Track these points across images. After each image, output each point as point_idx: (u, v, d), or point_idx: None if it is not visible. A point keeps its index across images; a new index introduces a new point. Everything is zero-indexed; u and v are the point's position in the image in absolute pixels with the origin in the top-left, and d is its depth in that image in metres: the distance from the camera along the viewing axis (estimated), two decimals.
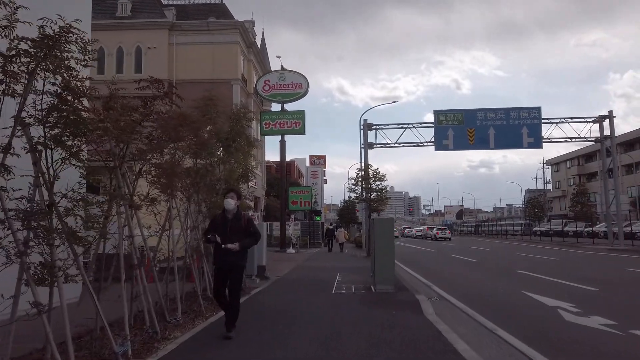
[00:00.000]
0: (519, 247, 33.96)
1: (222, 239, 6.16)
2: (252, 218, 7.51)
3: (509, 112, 25.96)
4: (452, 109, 26.33)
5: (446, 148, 26.19)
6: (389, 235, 10.85)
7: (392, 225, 11.05)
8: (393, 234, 10.97)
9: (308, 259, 22.27)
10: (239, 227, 6.33)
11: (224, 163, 10.01)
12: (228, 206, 6.41)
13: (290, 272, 15.74)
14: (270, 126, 28.66)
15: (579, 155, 78.55)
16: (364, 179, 24.42)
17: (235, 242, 6.17)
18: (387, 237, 10.82)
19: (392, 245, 10.81)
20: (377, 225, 10.90)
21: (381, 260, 10.74)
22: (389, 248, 10.79)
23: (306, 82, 28.69)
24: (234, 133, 10.04)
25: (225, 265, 6.25)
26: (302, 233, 35.25)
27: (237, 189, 7.72)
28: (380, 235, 10.84)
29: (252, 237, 6.49)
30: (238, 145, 10.03)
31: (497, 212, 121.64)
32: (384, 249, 10.77)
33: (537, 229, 53.38)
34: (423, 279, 14.27)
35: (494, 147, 25.94)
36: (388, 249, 10.77)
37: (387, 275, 10.71)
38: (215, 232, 6.23)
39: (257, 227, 6.89)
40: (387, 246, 10.77)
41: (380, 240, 10.82)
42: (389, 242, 10.80)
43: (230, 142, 9.93)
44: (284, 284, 12.62)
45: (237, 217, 6.43)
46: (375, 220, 10.98)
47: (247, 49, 42.68)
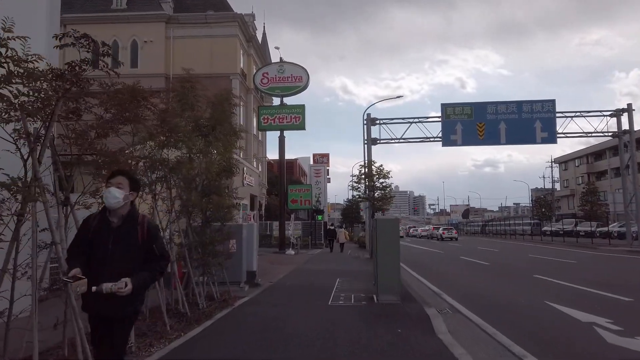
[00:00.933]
0: (529, 247, 32.46)
1: (96, 265, 3.30)
2: (157, 225, 4.91)
3: (521, 105, 24.47)
4: (460, 102, 24.85)
5: (454, 143, 24.73)
6: (393, 238, 9.45)
7: (397, 227, 9.66)
8: (398, 236, 9.58)
9: (307, 261, 20.90)
10: (130, 240, 3.41)
11: (204, 155, 8.66)
12: (111, 201, 3.41)
13: (285, 277, 14.38)
14: (268, 121, 27.29)
15: (588, 153, 77.01)
16: (367, 177, 23.02)
17: (119, 272, 3.24)
18: (392, 239, 9.43)
19: (397, 249, 9.42)
20: (380, 226, 9.51)
21: (384, 266, 9.35)
22: (394, 252, 9.39)
23: (306, 74, 27.31)
24: (214, 120, 8.67)
25: (103, 313, 3.35)
26: (303, 233, 33.90)
27: (129, 171, 4.47)
28: (383, 238, 9.45)
29: (153, 265, 3.48)
30: (219, 134, 8.66)
31: (503, 211, 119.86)
32: (387, 253, 9.38)
33: (546, 228, 51.74)
34: (431, 286, 12.86)
35: (505, 142, 24.47)
36: (392, 254, 9.38)
37: (392, 284, 9.32)
38: (83, 252, 3.37)
39: (231, 229, 5.51)
40: (391, 250, 9.38)
41: (383, 243, 9.43)
42: (394, 246, 9.40)
43: (209, 130, 8.56)
44: (276, 292, 11.24)
45: (129, 222, 3.48)
46: (378, 221, 9.60)
47: (246, 43, 41.34)
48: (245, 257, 11.51)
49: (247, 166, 20.72)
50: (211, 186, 8.83)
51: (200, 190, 8.78)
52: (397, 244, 9.46)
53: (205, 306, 8.23)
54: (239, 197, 9.59)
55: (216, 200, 8.42)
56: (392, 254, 9.38)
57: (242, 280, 11.29)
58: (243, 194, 20.39)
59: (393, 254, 9.39)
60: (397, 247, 9.43)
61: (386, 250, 9.40)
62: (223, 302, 8.97)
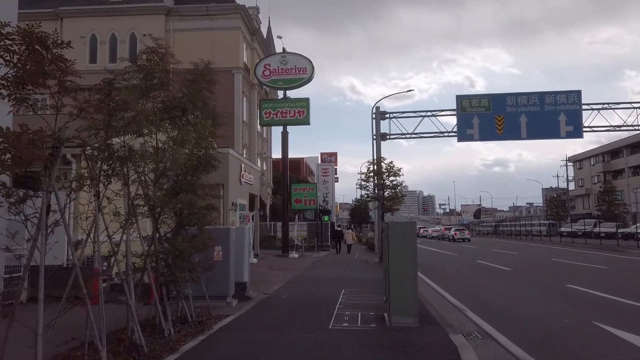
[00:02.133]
0: (550, 250, 30.45)
1: None
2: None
3: (543, 96, 22.53)
4: (477, 93, 22.94)
5: (470, 138, 22.86)
6: (409, 245, 7.68)
7: (413, 231, 7.88)
8: (415, 242, 7.79)
9: (311, 266, 19.16)
10: None
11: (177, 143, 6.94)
12: None
13: (283, 287, 12.64)
14: (270, 115, 25.57)
15: (604, 151, 74.90)
16: (376, 174, 21.22)
17: None
18: (407, 247, 7.66)
19: (413, 260, 7.64)
20: (393, 230, 7.74)
21: (398, 281, 7.58)
22: (410, 264, 7.62)
23: (311, 66, 25.55)
24: (186, 100, 6.96)
25: None
26: (309, 234, 32.17)
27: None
28: (397, 245, 7.68)
29: None
30: (192, 117, 6.95)
31: (515, 211, 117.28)
32: (402, 264, 7.61)
33: (563, 229, 49.57)
34: (451, 298, 11.07)
35: (526, 137, 22.54)
36: (408, 265, 7.61)
37: (408, 303, 7.54)
38: None
39: (213, 234, 3.79)
40: (406, 261, 7.61)
41: (397, 251, 7.67)
42: (410, 255, 7.63)
43: (179, 113, 6.85)
44: (268, 308, 9.50)
45: None
46: (391, 224, 7.82)
47: (250, 37, 39.67)
48: (233, 267, 9.79)
49: (246, 163, 19.03)
50: (183, 182, 7.12)
51: (170, 188, 7.08)
52: (414, 253, 7.68)
53: (172, 333, 6.51)
54: (216, 195, 7.83)
55: (187, 200, 6.71)
56: (407, 266, 7.61)
57: (229, 294, 9.57)
58: (241, 193, 18.70)
59: (409, 266, 7.61)
60: (414, 256, 7.66)
61: (400, 260, 7.63)
62: (199, 326, 7.25)
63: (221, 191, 16.65)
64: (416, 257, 7.70)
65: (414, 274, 7.68)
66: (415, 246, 7.77)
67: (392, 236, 7.73)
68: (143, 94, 6.92)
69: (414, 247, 7.72)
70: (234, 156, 17.50)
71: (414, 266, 7.66)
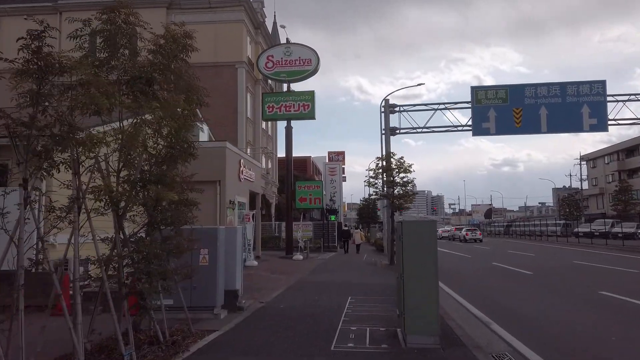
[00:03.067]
0: (569, 252, 28.88)
1: None
2: None
3: (565, 87, 21.02)
4: (493, 84, 21.46)
5: (486, 132, 21.41)
6: (428, 250, 6.33)
7: (433, 232, 6.52)
8: (436, 246, 6.44)
9: (316, 269, 17.83)
10: None
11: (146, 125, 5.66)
12: None
13: (282, 295, 11.33)
14: (274, 110, 24.27)
15: (619, 150, 72.97)
16: (386, 170, 19.83)
17: None
18: (426, 252, 6.32)
19: (434, 268, 6.30)
20: (408, 231, 6.39)
21: (416, 292, 6.24)
22: (429, 272, 6.27)
23: (316, 57, 24.21)
24: (153, 68, 5.66)
25: None
26: (315, 235, 30.86)
27: None
28: (413, 249, 6.33)
29: None
30: (161, 91, 5.66)
31: (527, 211, 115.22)
32: (420, 273, 6.26)
33: (579, 229, 47.85)
34: (473, 308, 9.70)
35: (546, 130, 21.04)
36: (427, 274, 6.26)
37: (427, 319, 6.20)
38: None
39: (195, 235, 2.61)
40: (425, 268, 6.27)
41: (413, 257, 6.32)
42: (429, 262, 6.28)
43: (143, 86, 5.56)
44: (262, 321, 8.19)
45: None
46: (405, 224, 6.47)
47: (254, 30, 38.44)
48: (222, 273, 8.50)
49: (245, 158, 17.75)
50: (153, 173, 5.83)
51: (137, 179, 5.79)
52: (434, 258, 6.33)
53: (133, 359, 5.22)
54: (197, 189, 6.53)
55: (156, 193, 5.41)
56: (426, 275, 6.26)
57: (216, 305, 8.27)
58: (241, 191, 17.42)
59: (428, 275, 6.26)
60: (434, 263, 6.31)
61: (417, 267, 6.28)
62: (172, 347, 5.95)
63: (217, 188, 15.38)
64: (437, 264, 6.35)
65: (435, 284, 6.32)
66: (435, 251, 6.41)
67: (407, 238, 6.38)
68: (102, 64, 5.66)
69: (433, 252, 6.37)
70: (231, 150, 16.21)
71: (435, 275, 6.31)
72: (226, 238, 8.88)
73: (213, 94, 24.78)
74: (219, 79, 34.65)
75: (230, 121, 33.96)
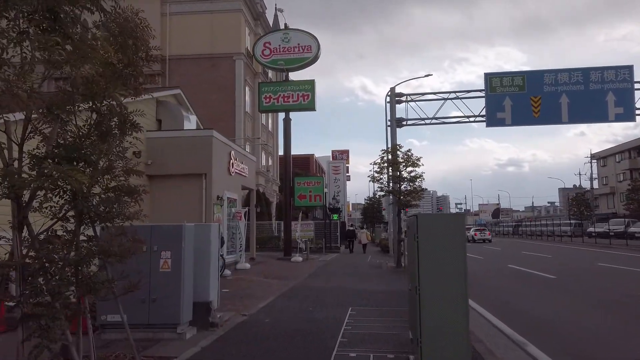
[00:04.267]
0: (587, 253, 27.04)
1: None
2: None
3: (588, 73, 19.21)
4: (509, 71, 19.75)
5: (501, 123, 19.63)
6: (454, 254, 4.62)
7: (461, 230, 4.79)
8: (464, 249, 4.70)
9: (315, 273, 16.13)
10: None
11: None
12: None
13: (272, 305, 9.62)
14: (271, 100, 22.56)
15: (631, 147, 70.94)
16: (392, 164, 18.10)
17: None
18: (451, 257, 4.60)
19: (462, 278, 4.59)
20: (425, 229, 4.68)
21: (437, 312, 4.54)
22: (456, 284, 4.56)
23: (316, 43, 22.49)
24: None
25: None
26: (317, 235, 29.12)
27: None
28: (433, 254, 4.63)
29: None
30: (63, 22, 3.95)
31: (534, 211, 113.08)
32: (443, 285, 4.56)
33: (592, 229, 45.99)
34: (500, 324, 7.96)
35: (567, 120, 19.24)
36: (453, 288, 4.55)
37: (453, 348, 4.50)
38: None
39: None
40: (450, 280, 4.56)
41: (433, 263, 4.62)
42: (455, 270, 4.57)
43: (41, 18, 3.84)
44: (237, 344, 6.49)
45: None
46: (423, 220, 4.74)
47: (253, 22, 36.80)
48: (188, 281, 6.81)
49: (237, 150, 16.07)
50: (66, 146, 4.15)
51: (46, 155, 4.11)
52: (462, 266, 4.61)
53: None
54: (137, 172, 4.84)
55: (61, 173, 3.71)
56: (452, 289, 4.55)
57: (180, 321, 6.57)
58: (231, 186, 15.74)
59: (454, 289, 4.55)
60: (463, 273, 4.59)
61: (439, 279, 4.57)
62: None
63: (203, 182, 13.71)
64: (466, 272, 4.63)
65: (464, 301, 4.60)
66: (464, 255, 4.69)
67: (425, 238, 4.66)
68: None
69: (461, 257, 4.65)
70: (219, 140, 14.52)
71: (464, 288, 4.59)
72: (197, 237, 7.20)
73: (210, 87, 23.09)
74: (216, 71, 33.04)
75: (228, 116, 32.33)
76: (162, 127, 14.52)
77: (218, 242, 7.86)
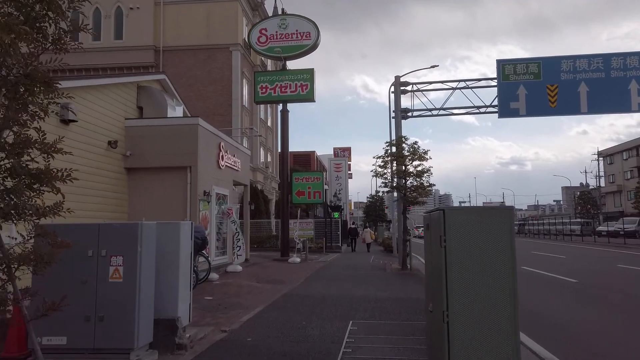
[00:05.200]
0: (602, 252, 25.59)
1: None
2: None
3: (609, 59, 17.75)
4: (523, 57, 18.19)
5: (515, 114, 18.18)
6: (499, 266, 3.19)
7: (509, 230, 3.38)
8: (513, 258, 3.30)
9: (313, 276, 14.73)
10: None
11: None
12: None
13: (258, 316, 8.21)
14: (267, 91, 21.14)
15: (638, 145, 69.54)
16: (397, 157, 16.69)
17: None
18: (496, 269, 3.17)
19: (511, 302, 3.15)
20: (458, 229, 3.26)
21: (474, 347, 3.11)
22: (503, 309, 3.13)
23: (316, 30, 21.06)
24: None
25: None
26: (317, 234, 27.73)
27: None
28: (469, 266, 3.20)
29: None
30: None
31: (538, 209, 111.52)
32: (484, 311, 3.13)
33: (607, 228, 44.52)
34: (534, 345, 6.54)
35: (587, 111, 17.78)
36: (498, 314, 3.13)
37: None
38: None
39: None
40: (494, 301, 3.13)
41: (469, 279, 3.19)
42: (502, 288, 3.14)
43: None
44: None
45: None
46: (453, 216, 3.35)
47: (251, 12, 35.38)
48: (147, 293, 5.42)
49: (227, 141, 14.68)
50: None
51: None
52: (511, 282, 3.20)
53: None
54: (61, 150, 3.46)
55: None
56: (497, 315, 3.13)
57: (134, 345, 5.17)
58: (221, 181, 14.36)
59: (501, 316, 3.13)
60: (512, 293, 3.17)
61: (478, 301, 3.16)
62: None
63: (188, 176, 12.32)
64: (516, 293, 3.22)
65: (513, 334, 3.19)
66: (513, 266, 3.28)
67: (456, 242, 3.26)
68: None
69: (509, 269, 3.24)
70: (206, 130, 13.12)
71: (512, 317, 3.18)
72: (161, 239, 5.81)
73: (206, 80, 21.60)
74: (212, 63, 31.68)
75: (225, 110, 30.98)
76: (143, 116, 13.14)
77: (191, 243, 6.47)
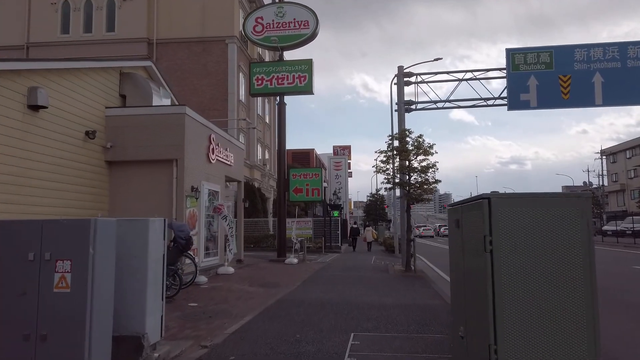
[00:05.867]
0: (613, 253, 24.59)
1: None
2: None
3: (625, 48, 16.73)
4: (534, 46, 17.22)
5: (525, 106, 17.14)
6: (573, 279, 2.15)
7: (586, 228, 2.37)
8: (592, 264, 2.29)
9: (310, 279, 13.70)
10: None
11: None
12: None
13: (246, 327, 7.19)
14: (264, 82, 20.10)
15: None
16: (400, 152, 15.67)
17: None
18: (568, 285, 2.14)
19: (591, 336, 2.11)
20: (510, 227, 2.22)
21: None
22: (580, 342, 2.10)
23: (314, 18, 20.02)
24: None
25: None
26: (316, 233, 26.69)
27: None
28: (530, 279, 2.17)
29: None
30: None
31: None
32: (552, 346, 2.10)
33: (608, 228, 43.65)
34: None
35: (602, 103, 16.76)
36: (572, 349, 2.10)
37: None
38: None
39: None
40: (567, 333, 2.10)
41: (529, 301, 2.16)
42: (577, 312, 2.11)
43: None
44: None
45: None
46: (502, 205, 2.34)
47: (248, 3, 34.29)
48: (100, 306, 4.41)
49: (218, 133, 13.65)
50: None
51: None
52: (589, 300, 2.17)
53: None
54: None
55: None
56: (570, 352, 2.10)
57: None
58: (211, 176, 13.34)
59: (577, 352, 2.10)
60: (593, 319, 2.14)
61: (543, 330, 2.13)
62: None
63: (174, 170, 11.29)
64: (598, 317, 2.20)
65: None
66: (593, 277, 2.25)
67: (509, 246, 2.23)
68: None
69: (588, 285, 2.21)
70: (195, 120, 12.08)
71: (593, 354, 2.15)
72: (122, 239, 4.79)
73: (200, 73, 20.41)
74: (207, 56, 30.65)
75: (220, 104, 29.90)
76: (126, 105, 12.11)
77: (163, 244, 5.45)
